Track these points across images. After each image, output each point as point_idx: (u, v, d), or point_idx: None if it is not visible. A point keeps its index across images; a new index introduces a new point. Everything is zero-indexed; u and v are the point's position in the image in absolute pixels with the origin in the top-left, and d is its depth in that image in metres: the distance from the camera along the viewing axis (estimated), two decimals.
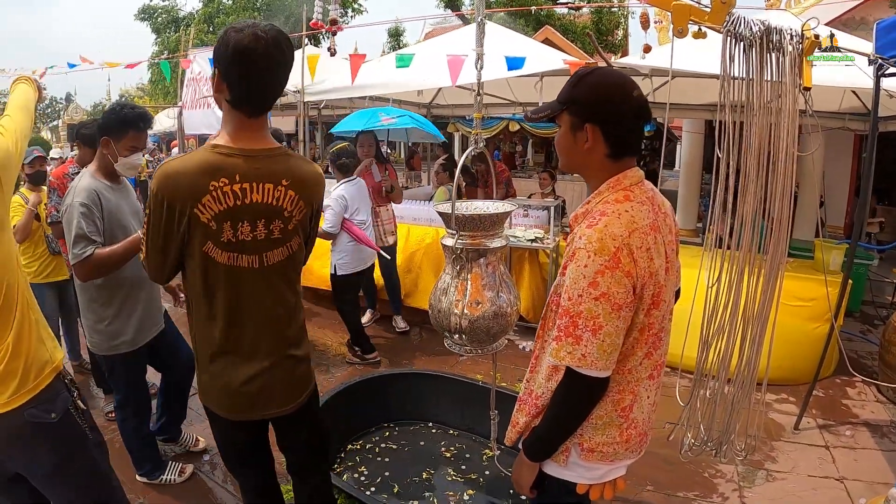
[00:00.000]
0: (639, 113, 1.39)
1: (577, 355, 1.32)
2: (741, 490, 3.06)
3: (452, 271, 2.04)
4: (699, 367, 2.15)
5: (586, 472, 1.49)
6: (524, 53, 4.70)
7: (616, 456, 1.48)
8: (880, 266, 6.37)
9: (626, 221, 1.33)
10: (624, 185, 1.41)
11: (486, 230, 2.00)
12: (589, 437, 1.46)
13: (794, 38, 1.90)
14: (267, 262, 1.66)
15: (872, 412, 3.92)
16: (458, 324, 2.01)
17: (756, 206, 1.92)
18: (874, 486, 3.08)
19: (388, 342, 5.07)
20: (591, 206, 1.43)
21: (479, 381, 3.42)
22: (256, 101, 1.58)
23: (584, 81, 1.40)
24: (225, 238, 1.56)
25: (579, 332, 1.31)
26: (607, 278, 1.29)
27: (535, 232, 5.16)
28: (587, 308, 1.30)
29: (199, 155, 1.55)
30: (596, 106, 1.38)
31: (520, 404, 1.60)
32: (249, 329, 1.69)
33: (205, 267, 1.60)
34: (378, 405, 3.41)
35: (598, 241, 1.30)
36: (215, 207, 1.53)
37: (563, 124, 1.44)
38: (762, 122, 1.87)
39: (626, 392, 1.45)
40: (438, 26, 22.08)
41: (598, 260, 1.29)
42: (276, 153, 1.63)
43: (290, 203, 1.64)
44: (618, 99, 1.37)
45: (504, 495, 2.86)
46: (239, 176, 1.54)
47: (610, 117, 1.38)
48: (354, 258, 4.30)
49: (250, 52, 1.48)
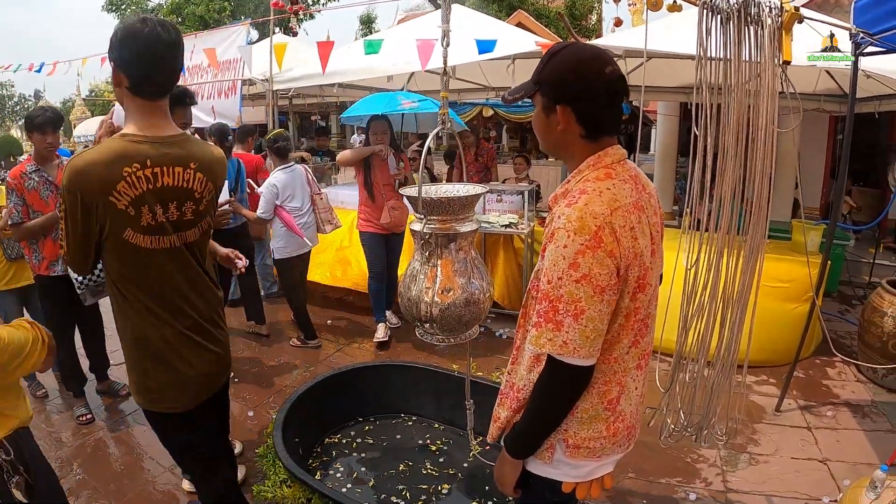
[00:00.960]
0: (614, 89, 1.29)
1: (558, 342, 1.23)
2: (724, 474, 3.02)
3: (421, 257, 1.96)
4: (678, 350, 2.08)
5: (572, 470, 1.41)
6: (495, 36, 4.59)
7: (603, 451, 1.40)
8: (856, 246, 6.41)
9: (607, 199, 1.24)
10: (605, 162, 1.32)
11: (455, 214, 1.90)
12: (574, 432, 1.37)
13: (772, 10, 1.82)
14: (185, 241, 1.72)
15: (853, 392, 3.91)
16: (429, 312, 1.92)
17: (735, 186, 1.84)
18: (857, 466, 3.06)
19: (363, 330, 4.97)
20: (570, 186, 1.34)
21: (455, 372, 3.33)
22: (154, 80, 1.62)
23: (555, 59, 1.31)
24: (144, 222, 1.60)
25: (560, 317, 1.23)
26: (588, 259, 1.20)
27: (509, 217, 5.08)
28: (567, 291, 1.21)
29: (109, 144, 1.58)
30: (565, 85, 1.29)
31: (501, 398, 1.51)
32: (182, 312, 1.74)
33: (127, 254, 1.62)
34: (352, 398, 3.31)
35: (578, 220, 1.21)
36: (131, 193, 1.55)
37: (537, 105, 1.35)
38: (740, 97, 1.78)
39: (612, 383, 1.36)
40: (411, 13, 21.85)
41: (579, 240, 1.20)
42: (181, 139, 1.69)
43: (199, 185, 1.70)
44: (590, 76, 1.27)
45: (481, 489, 2.78)
46: (150, 161, 1.58)
47: (582, 95, 1.28)
48: (290, 242, 4.42)
49: (138, 32, 1.56)
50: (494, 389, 3.00)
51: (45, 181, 3.25)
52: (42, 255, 3.32)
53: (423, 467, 2.93)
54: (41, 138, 3.23)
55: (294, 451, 2.65)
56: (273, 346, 4.69)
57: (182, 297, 1.73)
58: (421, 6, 21.86)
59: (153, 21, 1.59)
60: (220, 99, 6.95)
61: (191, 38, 8.15)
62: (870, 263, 6.03)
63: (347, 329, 5.09)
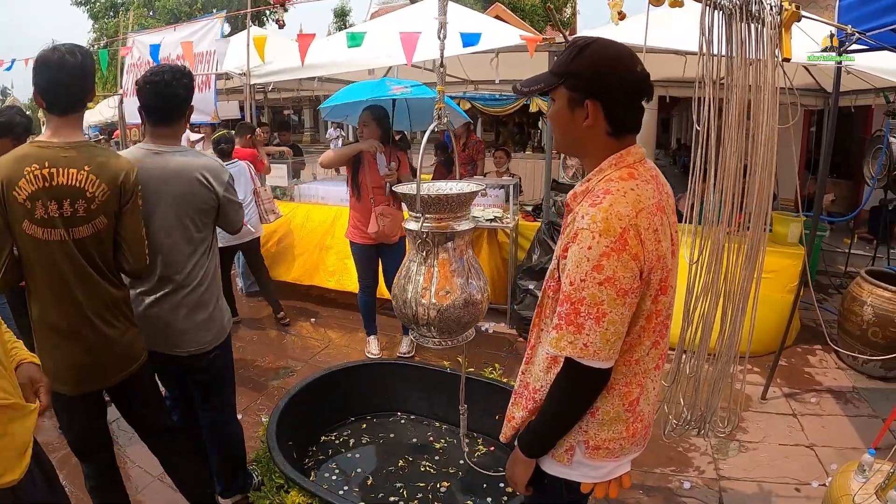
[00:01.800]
0: (642, 88, 1.28)
1: (578, 345, 1.22)
2: (716, 462, 3.07)
3: (417, 258, 1.91)
4: (680, 345, 2.08)
5: (591, 471, 1.40)
6: (479, 29, 4.54)
7: (622, 452, 1.39)
8: (831, 237, 6.54)
9: (632, 200, 1.22)
10: (627, 161, 1.30)
11: (452, 212, 1.87)
12: (594, 433, 1.36)
13: (773, 8, 1.82)
14: (74, 235, 1.91)
15: (835, 379, 4.00)
16: (427, 314, 1.88)
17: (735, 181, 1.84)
18: (843, 451, 3.13)
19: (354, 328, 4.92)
20: (591, 185, 1.31)
21: (448, 369, 3.31)
22: (63, 101, 1.91)
23: (586, 53, 1.27)
24: (38, 215, 1.84)
25: (581, 319, 1.21)
26: (613, 261, 1.18)
27: (493, 211, 5.08)
28: (590, 294, 1.20)
29: (20, 149, 1.90)
30: (598, 80, 1.26)
31: (515, 398, 1.48)
32: (66, 301, 1.95)
33: (28, 243, 1.87)
34: (345, 398, 3.26)
35: (604, 221, 1.19)
36: (28, 188, 1.81)
37: (560, 99, 1.31)
38: (741, 93, 1.78)
39: (633, 385, 1.35)
40: (385, 6, 21.67)
41: (604, 241, 1.18)
42: (82, 145, 1.93)
43: (91, 186, 1.89)
44: (624, 72, 1.26)
45: (479, 487, 2.76)
46: (47, 162, 1.84)
47: (612, 93, 1.26)
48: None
49: (48, 59, 1.88)
50: (489, 387, 3.05)
51: None
52: None
53: (419, 466, 2.91)
54: (14, 146, 3.01)
55: (289, 454, 2.61)
56: (259, 346, 4.62)
57: (67, 288, 1.93)
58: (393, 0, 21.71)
59: (62, 49, 1.90)
60: (195, 93, 6.79)
61: (161, 33, 7.96)
62: (845, 253, 6.17)
63: (334, 326, 5.04)
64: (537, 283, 4.58)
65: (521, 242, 5.02)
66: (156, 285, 2.21)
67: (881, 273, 4.20)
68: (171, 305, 2.22)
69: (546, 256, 4.59)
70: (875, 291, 3.95)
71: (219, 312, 2.37)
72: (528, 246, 4.88)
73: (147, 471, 2.97)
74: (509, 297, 4.85)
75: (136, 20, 15.58)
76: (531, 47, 4.31)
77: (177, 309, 2.22)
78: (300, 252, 5.52)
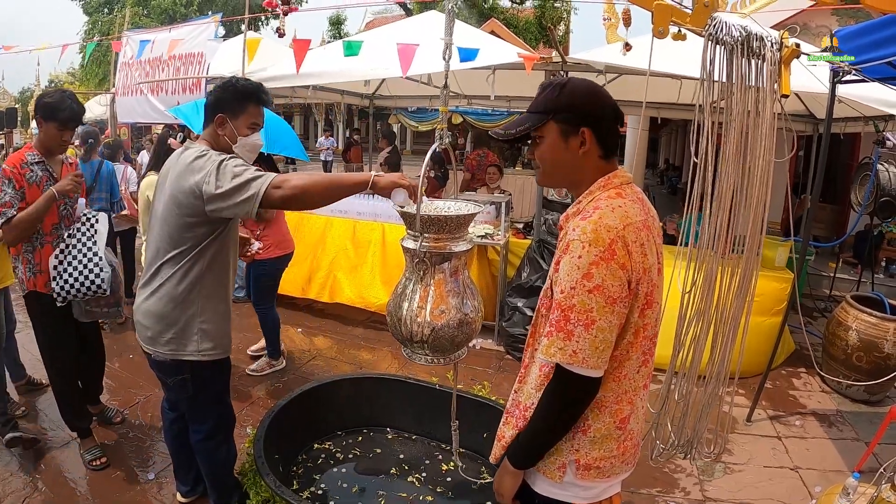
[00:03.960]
0: (617, 114, 1.42)
1: (568, 352, 1.26)
2: (702, 484, 3.09)
3: (414, 276, 1.90)
4: (671, 369, 2.10)
5: (582, 492, 1.42)
6: (477, 45, 4.58)
7: (612, 471, 1.42)
8: (816, 260, 6.64)
9: (619, 215, 1.30)
10: (614, 183, 1.39)
11: (451, 233, 1.86)
12: (586, 451, 1.38)
13: (773, 45, 1.86)
14: None
15: (819, 402, 4.04)
16: (421, 333, 1.87)
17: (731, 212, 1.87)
18: (827, 474, 3.17)
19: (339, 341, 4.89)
20: (582, 206, 1.40)
21: (437, 385, 3.30)
22: None
23: (569, 88, 1.39)
24: None
25: (571, 326, 1.26)
26: (602, 270, 1.25)
27: (484, 228, 5.07)
28: (580, 301, 1.25)
29: None
30: (587, 108, 1.38)
31: (507, 416, 1.51)
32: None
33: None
34: (331, 411, 3.23)
35: (593, 232, 1.27)
36: None
37: (550, 133, 1.40)
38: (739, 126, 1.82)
39: (623, 402, 1.39)
40: (379, 16, 21.74)
41: (593, 251, 1.25)
42: None
43: None
44: (602, 101, 1.40)
45: (468, 500, 2.76)
46: None
47: (599, 119, 1.38)
48: None
49: None
50: (478, 404, 3.04)
51: (48, 176, 2.81)
52: (38, 267, 2.80)
53: (405, 480, 2.89)
54: (59, 133, 2.78)
55: (275, 467, 2.57)
56: (245, 355, 4.57)
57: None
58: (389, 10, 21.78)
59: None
60: (185, 94, 6.79)
61: (156, 32, 7.93)
62: (829, 277, 6.25)
63: (320, 336, 5.01)
64: (526, 300, 4.59)
65: (511, 259, 5.03)
66: None
67: (866, 298, 4.26)
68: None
69: (536, 274, 4.61)
70: (860, 317, 4.01)
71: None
72: (518, 263, 4.89)
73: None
74: (498, 314, 4.85)
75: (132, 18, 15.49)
76: (528, 65, 4.35)
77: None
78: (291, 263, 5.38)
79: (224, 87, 2.20)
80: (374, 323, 5.23)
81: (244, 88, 2.20)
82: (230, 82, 2.23)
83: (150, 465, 3.07)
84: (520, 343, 4.53)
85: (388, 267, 5.08)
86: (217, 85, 2.26)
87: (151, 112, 7.53)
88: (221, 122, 2.18)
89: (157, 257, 2.14)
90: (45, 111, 2.73)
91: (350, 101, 8.63)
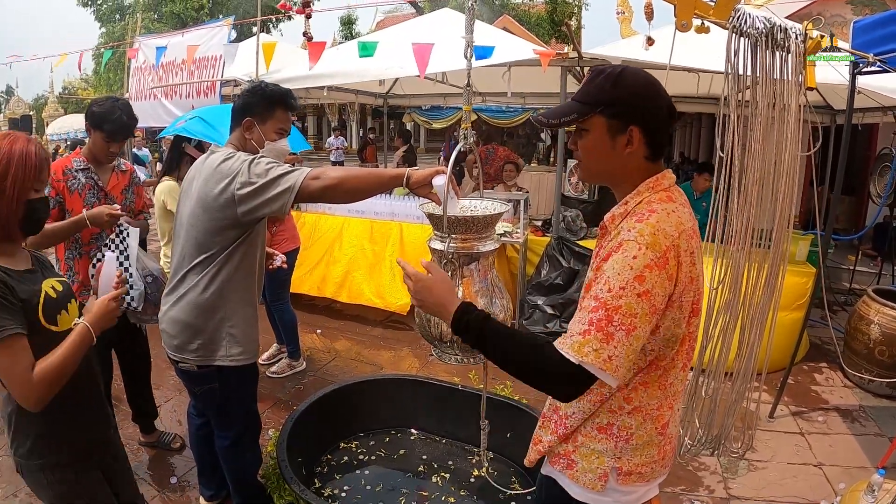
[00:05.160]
0: (671, 112, 1.32)
1: (603, 355, 1.16)
2: (726, 482, 3.06)
3: None
4: (699, 365, 2.09)
5: (622, 497, 1.39)
6: (492, 42, 4.58)
7: (653, 475, 1.40)
8: (836, 253, 6.57)
9: (674, 221, 1.25)
10: (664, 185, 1.32)
11: (478, 233, 1.86)
12: (628, 459, 1.36)
13: (797, 36, 1.84)
14: None
15: (841, 397, 4.01)
16: (450, 333, 1.88)
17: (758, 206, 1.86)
18: (850, 470, 3.14)
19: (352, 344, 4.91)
20: (629, 207, 1.32)
21: (459, 385, 3.31)
22: None
23: (623, 81, 1.29)
24: None
25: (613, 329, 1.17)
26: (654, 275, 1.18)
27: (503, 226, 5.05)
28: (627, 303, 1.17)
29: None
30: (640, 105, 1.28)
31: (543, 421, 1.49)
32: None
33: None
34: (353, 413, 3.25)
35: (651, 236, 1.20)
36: None
37: (596, 128, 1.31)
38: (765, 118, 1.81)
39: (664, 408, 1.37)
40: (390, 15, 21.76)
41: (649, 254, 1.19)
42: None
43: None
44: (657, 98, 1.30)
45: (490, 502, 2.76)
46: None
47: (651, 118, 1.29)
48: None
49: None
50: (501, 404, 3.03)
51: (93, 185, 2.74)
52: (77, 277, 2.77)
53: (428, 482, 2.91)
54: (105, 144, 2.72)
55: (297, 470, 2.60)
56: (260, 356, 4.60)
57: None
58: (399, 8, 21.80)
59: None
60: (198, 98, 6.84)
61: (168, 37, 8.00)
62: (849, 270, 6.19)
63: (339, 338, 5.04)
64: (546, 298, 4.58)
65: (529, 257, 5.03)
66: None
67: (888, 292, 4.22)
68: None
69: (555, 272, 4.60)
70: (882, 310, 3.97)
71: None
72: (536, 261, 4.89)
73: None
74: (518, 313, 4.85)
75: (143, 23, 15.63)
76: (545, 61, 4.34)
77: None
78: (308, 263, 5.45)
79: (252, 91, 2.18)
80: (393, 323, 5.24)
81: (273, 93, 2.19)
82: (259, 86, 2.21)
83: (173, 470, 3.10)
84: None
85: None
86: (246, 89, 2.24)
87: (165, 116, 7.59)
88: (249, 126, 2.16)
89: (183, 264, 2.12)
90: (94, 120, 2.66)
91: (364, 101, 8.66)
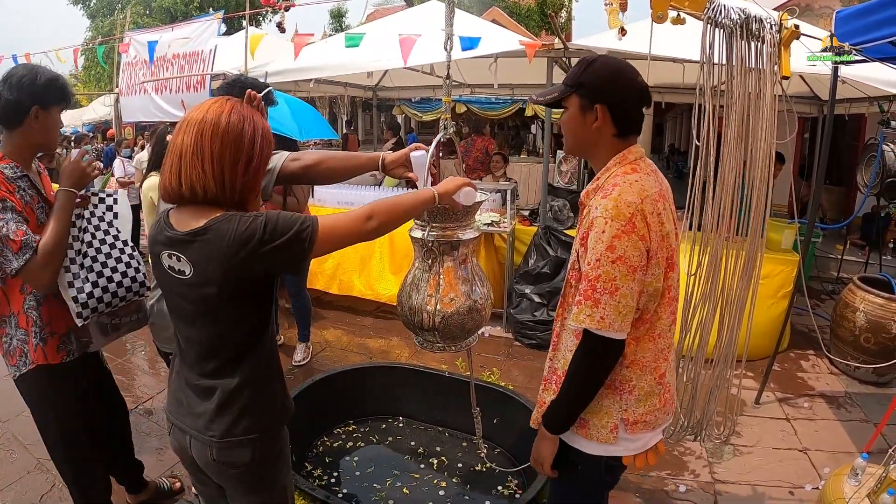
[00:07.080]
0: (642, 96, 1.50)
1: (595, 318, 1.39)
2: (711, 466, 3.11)
3: (423, 265, 1.93)
4: (679, 351, 2.12)
5: (630, 444, 1.56)
6: (478, 34, 4.59)
7: (657, 422, 1.57)
8: (824, 243, 6.61)
9: (636, 190, 1.42)
10: (629, 159, 1.51)
11: (458, 221, 1.88)
12: (633, 410, 1.52)
13: (772, 27, 1.87)
14: None
15: (827, 384, 4.06)
16: (431, 321, 1.90)
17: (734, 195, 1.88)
18: (836, 455, 3.18)
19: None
20: (601, 182, 1.52)
21: (446, 372, 3.33)
22: None
23: (593, 66, 1.50)
24: None
25: (598, 294, 1.38)
26: (624, 242, 1.37)
27: (490, 216, 5.08)
28: (605, 271, 1.38)
29: None
30: (605, 87, 1.48)
31: (545, 383, 1.67)
32: None
33: None
34: (341, 402, 3.28)
35: (614, 209, 1.38)
36: None
37: (572, 106, 1.53)
38: (740, 109, 1.83)
39: (660, 360, 1.54)
40: (380, 7, 21.68)
41: (615, 225, 1.37)
42: None
43: None
44: (624, 82, 1.49)
45: (478, 489, 2.80)
46: None
47: (617, 98, 1.48)
48: None
49: None
50: (488, 390, 3.07)
51: (36, 194, 1.97)
52: (49, 329, 1.99)
53: (418, 469, 2.94)
54: (60, 121, 2.02)
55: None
56: None
57: None
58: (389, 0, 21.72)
59: None
60: (188, 92, 6.82)
61: (159, 32, 7.96)
62: (837, 259, 6.23)
63: (330, 328, 5.06)
64: (534, 287, 4.61)
65: (517, 247, 5.05)
66: None
67: (873, 279, 4.26)
68: None
69: (543, 261, 4.63)
70: (867, 298, 4.01)
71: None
72: (524, 250, 4.91)
73: None
74: (505, 301, 4.88)
75: (133, 18, 15.51)
76: (530, 53, 4.35)
77: None
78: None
79: (231, 85, 2.20)
80: (383, 312, 5.27)
81: (252, 87, 2.13)
82: (238, 80, 2.22)
83: (162, 462, 3.13)
84: (528, 330, 4.56)
85: (396, 257, 5.11)
86: (224, 83, 2.27)
87: (154, 110, 7.57)
88: None
89: None
90: (48, 95, 1.92)
91: (353, 94, 8.64)
